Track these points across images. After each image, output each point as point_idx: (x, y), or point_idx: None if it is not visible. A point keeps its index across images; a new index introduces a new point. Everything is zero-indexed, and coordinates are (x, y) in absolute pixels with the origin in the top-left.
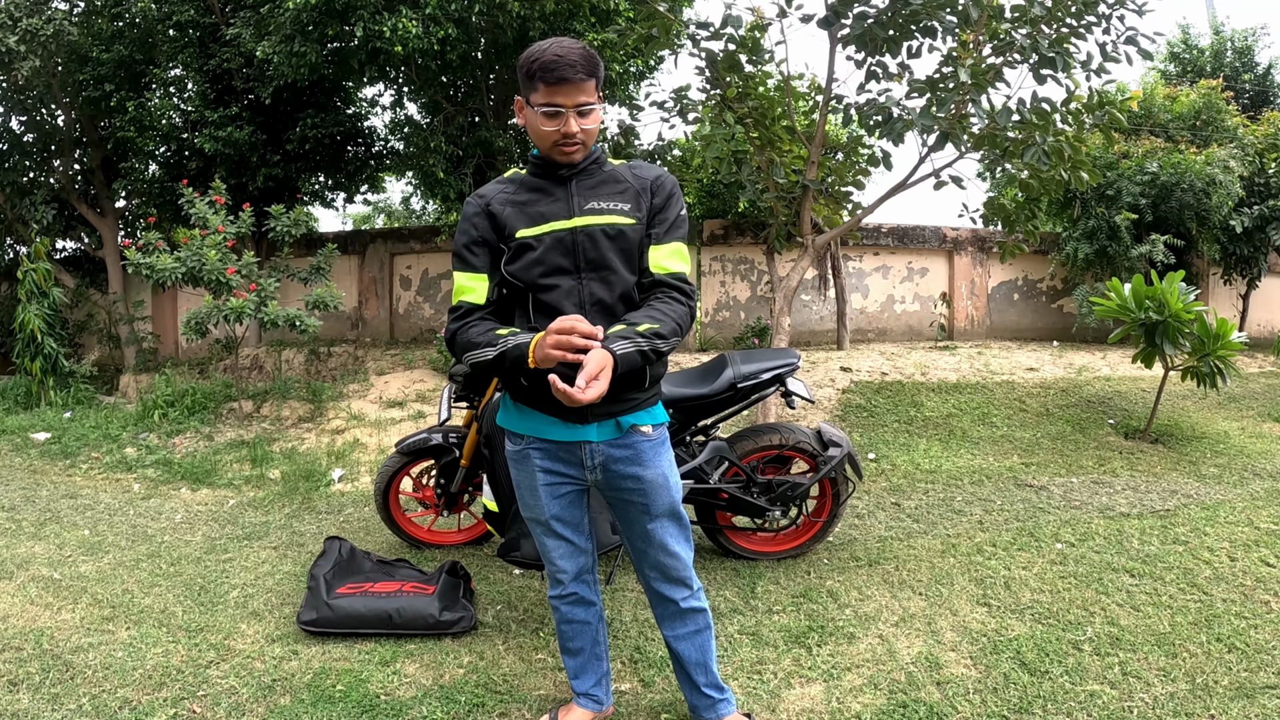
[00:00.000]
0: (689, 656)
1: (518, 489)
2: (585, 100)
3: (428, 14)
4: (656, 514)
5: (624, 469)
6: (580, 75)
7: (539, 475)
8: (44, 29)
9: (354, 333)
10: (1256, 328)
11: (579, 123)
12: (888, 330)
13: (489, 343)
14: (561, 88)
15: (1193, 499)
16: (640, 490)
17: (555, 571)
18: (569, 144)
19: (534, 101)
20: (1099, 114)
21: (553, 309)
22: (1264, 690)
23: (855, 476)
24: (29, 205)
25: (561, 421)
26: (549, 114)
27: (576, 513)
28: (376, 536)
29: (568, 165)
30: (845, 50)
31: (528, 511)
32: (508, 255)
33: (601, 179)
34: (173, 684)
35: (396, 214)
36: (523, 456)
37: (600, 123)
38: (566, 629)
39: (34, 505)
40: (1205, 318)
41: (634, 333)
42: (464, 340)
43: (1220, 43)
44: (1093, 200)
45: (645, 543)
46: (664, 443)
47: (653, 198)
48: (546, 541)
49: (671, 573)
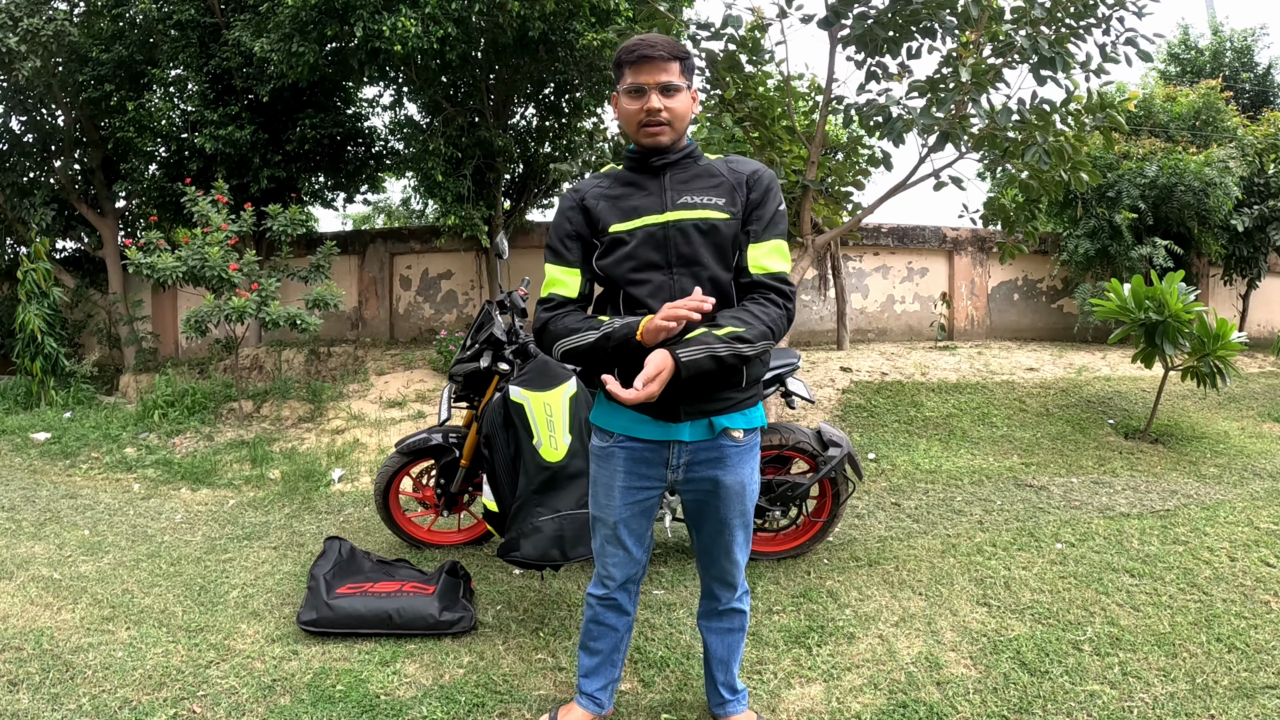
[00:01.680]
0: (715, 651)
1: (593, 486)
2: (668, 79)
3: (427, 13)
4: (727, 519)
5: (705, 471)
6: (661, 54)
7: (620, 475)
8: (44, 29)
9: (354, 333)
10: (1256, 328)
11: (662, 100)
12: (888, 330)
13: (591, 327)
14: (643, 66)
15: (1193, 499)
16: (716, 494)
17: (603, 574)
18: (653, 123)
19: (620, 87)
20: (1099, 115)
21: (643, 305)
22: (1264, 690)
23: (855, 476)
24: (29, 205)
25: (654, 420)
26: (632, 93)
27: (644, 522)
28: (376, 536)
29: (658, 153)
30: (845, 50)
31: (597, 510)
32: (600, 250)
33: (696, 172)
34: (173, 684)
35: (396, 214)
36: (608, 454)
37: (692, 111)
38: (593, 629)
39: (34, 505)
40: (1205, 318)
41: (712, 337)
42: (559, 328)
43: (1219, 43)
44: (1093, 201)
45: (710, 542)
46: (752, 449)
47: (749, 192)
48: (606, 547)
49: (726, 575)
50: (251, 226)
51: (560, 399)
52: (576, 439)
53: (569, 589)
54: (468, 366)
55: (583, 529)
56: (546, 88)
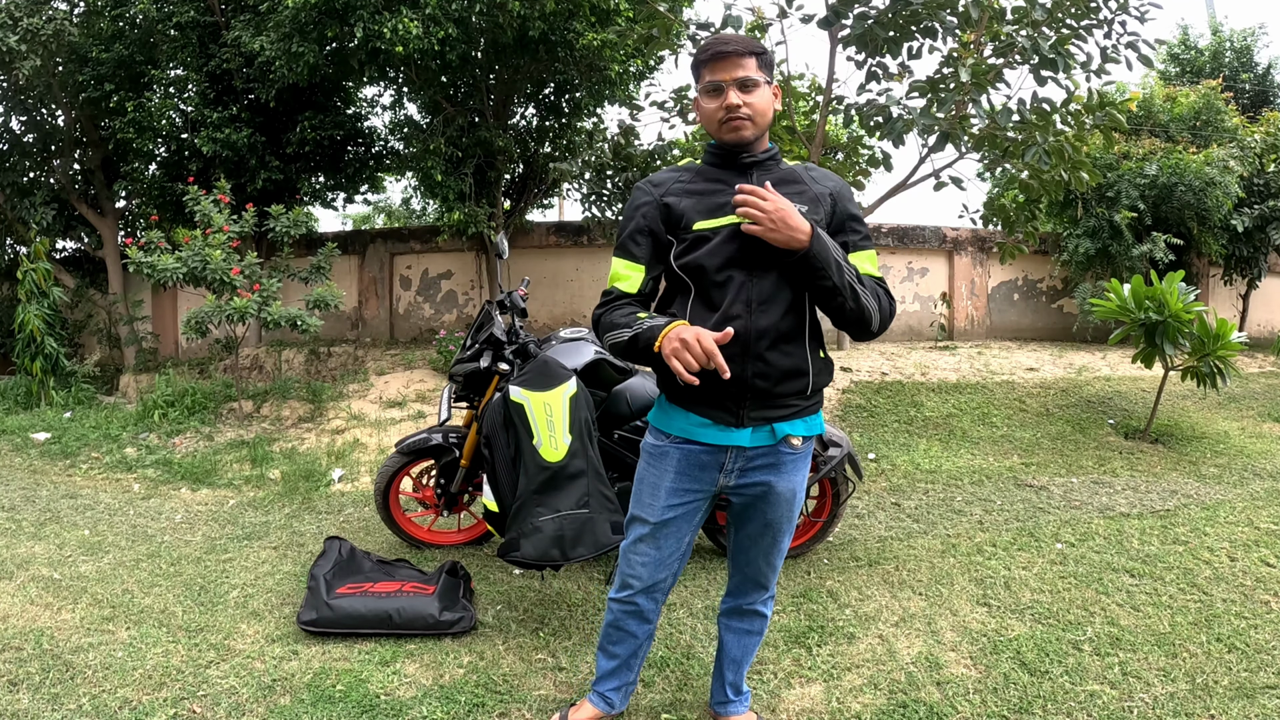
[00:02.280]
0: (730, 650)
1: (639, 483)
2: (745, 75)
3: (427, 14)
4: (772, 523)
5: (757, 476)
6: (737, 50)
7: (671, 475)
8: (44, 29)
9: (354, 333)
10: (1256, 328)
11: (741, 96)
12: (888, 330)
13: (627, 324)
14: (719, 63)
15: (1193, 499)
16: (767, 498)
17: (628, 575)
18: (734, 118)
19: (699, 87)
20: (1099, 115)
21: (718, 306)
22: (1264, 690)
23: (855, 476)
24: (29, 205)
25: (715, 424)
26: (710, 91)
27: (685, 526)
28: (376, 536)
29: (742, 148)
30: (845, 51)
31: (637, 509)
32: (681, 246)
33: (781, 176)
34: (173, 684)
35: (396, 214)
36: (662, 453)
37: (773, 108)
38: (612, 633)
39: (34, 505)
40: (1205, 318)
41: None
42: (607, 321)
43: (1219, 43)
44: (1093, 200)
45: (750, 542)
46: (807, 456)
47: (834, 205)
48: (638, 544)
49: (759, 577)
50: (253, 227)
51: (560, 399)
52: (576, 439)
53: (569, 589)
54: (468, 366)
55: (583, 529)
56: (546, 88)
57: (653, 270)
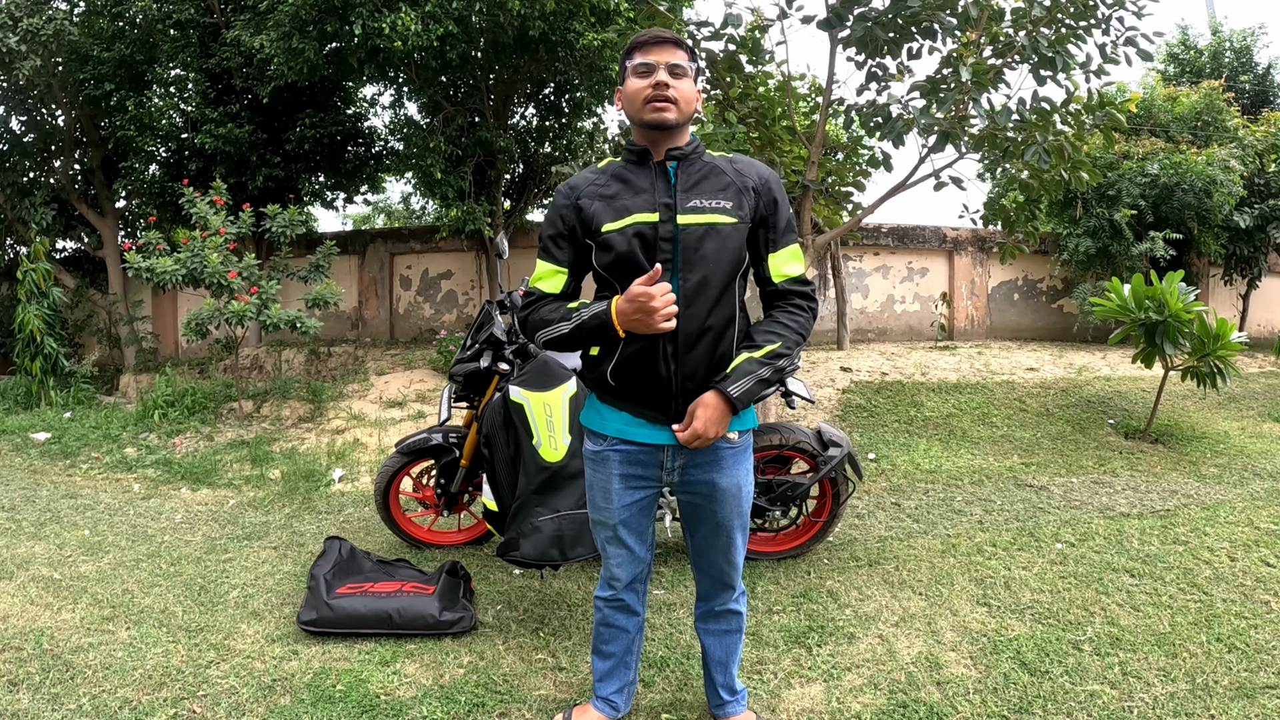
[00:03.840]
0: (714, 653)
1: (590, 490)
2: (676, 61)
3: (427, 11)
4: (723, 521)
5: (700, 474)
6: (670, 40)
7: (615, 479)
8: (45, 28)
9: (354, 333)
10: (1256, 328)
11: (670, 79)
12: (888, 330)
13: (562, 317)
14: (654, 47)
15: (1193, 499)
16: (712, 496)
17: (609, 577)
18: (660, 99)
19: (628, 67)
20: (1099, 114)
21: None
22: (1264, 690)
23: (855, 476)
24: (29, 205)
25: (648, 423)
26: (640, 72)
27: (644, 520)
28: (376, 536)
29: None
30: (845, 51)
31: (596, 514)
32: (597, 250)
33: (704, 172)
34: (173, 684)
35: (396, 214)
36: (602, 459)
37: (697, 102)
38: (604, 631)
39: (34, 505)
40: (1205, 318)
41: (754, 363)
42: (536, 319)
43: (1219, 43)
44: (1093, 201)
45: (706, 545)
46: (746, 450)
47: (758, 198)
48: (608, 548)
49: (723, 577)
50: (251, 228)
51: (560, 399)
52: (576, 439)
53: (569, 589)
54: (468, 366)
55: (582, 529)
56: (546, 88)
57: (576, 271)
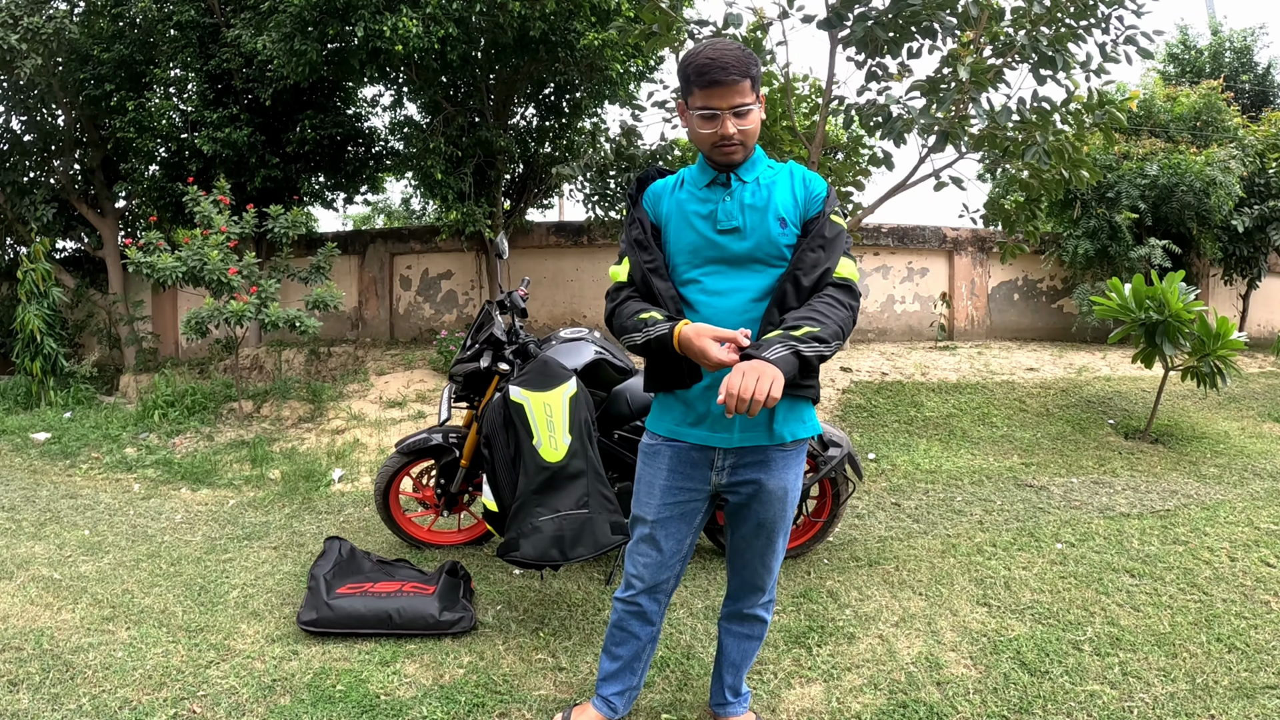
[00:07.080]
0: (729, 654)
1: (637, 483)
2: (740, 101)
3: (428, 13)
4: (764, 523)
5: (748, 474)
6: (734, 77)
7: (664, 474)
8: (45, 28)
9: (354, 333)
10: (1256, 328)
11: (736, 124)
12: (888, 330)
13: (635, 328)
14: (715, 90)
15: (1193, 499)
16: (757, 496)
17: (631, 575)
18: (726, 145)
19: (691, 105)
20: (1099, 114)
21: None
22: (1264, 690)
23: (855, 476)
24: (29, 205)
25: (700, 425)
26: (705, 117)
27: (683, 526)
28: (376, 536)
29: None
30: (846, 51)
31: (637, 508)
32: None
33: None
34: (173, 684)
35: (396, 214)
36: (655, 451)
37: (759, 122)
38: (616, 633)
39: (34, 505)
40: (1205, 318)
41: (790, 338)
42: (618, 324)
43: (1219, 43)
44: (1093, 201)
45: (744, 544)
46: (799, 455)
47: (809, 209)
48: (640, 544)
49: (755, 579)
50: (253, 228)
51: (560, 399)
52: (576, 439)
53: (569, 589)
54: (468, 366)
55: (582, 529)
56: (546, 88)
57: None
